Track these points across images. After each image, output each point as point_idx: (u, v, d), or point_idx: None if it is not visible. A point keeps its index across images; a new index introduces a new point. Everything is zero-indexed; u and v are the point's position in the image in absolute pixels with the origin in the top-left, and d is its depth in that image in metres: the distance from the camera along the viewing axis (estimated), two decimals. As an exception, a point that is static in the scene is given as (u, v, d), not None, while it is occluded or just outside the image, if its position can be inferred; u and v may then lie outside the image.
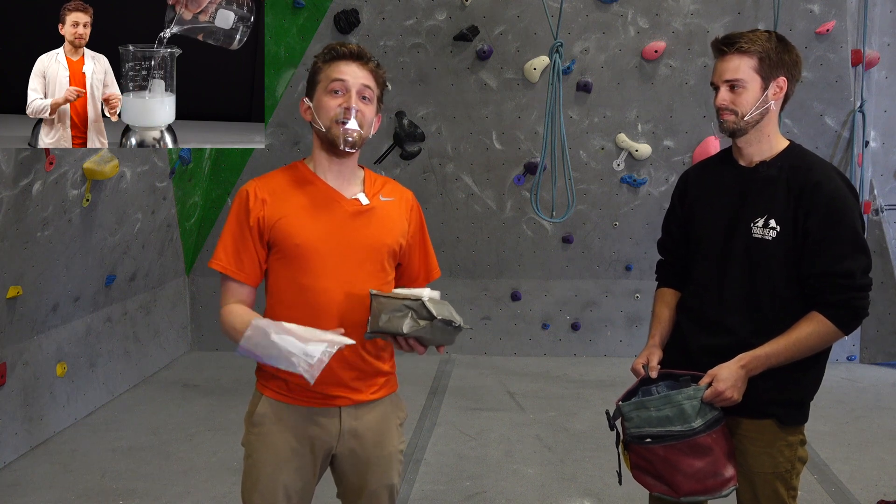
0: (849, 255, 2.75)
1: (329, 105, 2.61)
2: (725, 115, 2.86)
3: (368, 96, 2.64)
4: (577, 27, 6.81)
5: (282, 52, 6.86)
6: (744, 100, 2.83)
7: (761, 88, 2.83)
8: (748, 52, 2.82)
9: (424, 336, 2.51)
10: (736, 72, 2.83)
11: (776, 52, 2.83)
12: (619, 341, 7.47)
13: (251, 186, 2.69)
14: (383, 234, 2.69)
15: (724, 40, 2.87)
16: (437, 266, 2.94)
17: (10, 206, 4.61)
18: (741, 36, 2.85)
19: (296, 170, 2.74)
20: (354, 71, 2.62)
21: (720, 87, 2.86)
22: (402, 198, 2.81)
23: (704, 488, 2.81)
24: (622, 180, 7.17)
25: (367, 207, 2.69)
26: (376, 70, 2.66)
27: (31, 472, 4.92)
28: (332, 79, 2.61)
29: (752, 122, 2.85)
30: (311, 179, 2.70)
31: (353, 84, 2.61)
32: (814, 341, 2.76)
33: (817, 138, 6.91)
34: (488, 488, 4.78)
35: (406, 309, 2.49)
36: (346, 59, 2.63)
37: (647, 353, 3.01)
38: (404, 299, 2.50)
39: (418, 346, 2.54)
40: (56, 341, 5.52)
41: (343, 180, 2.71)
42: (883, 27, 6.88)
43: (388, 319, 2.49)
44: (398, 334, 2.49)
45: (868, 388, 6.61)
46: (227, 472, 4.95)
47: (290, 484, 2.68)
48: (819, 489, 4.73)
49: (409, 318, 2.49)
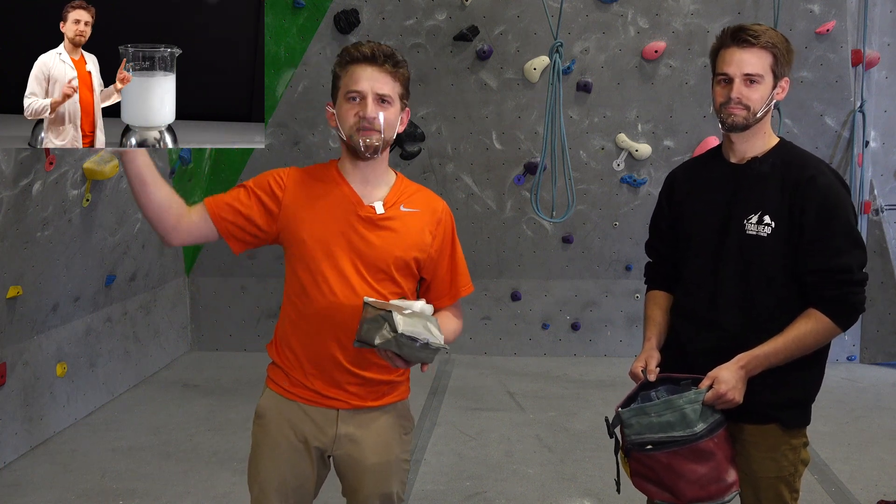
0: (845, 251, 2.72)
1: (348, 114, 2.58)
2: (736, 109, 2.77)
3: (388, 99, 2.58)
4: (577, 27, 6.81)
5: (282, 52, 6.85)
6: (758, 96, 2.77)
7: (771, 86, 2.79)
8: (767, 47, 2.75)
9: (394, 351, 2.39)
10: (757, 66, 2.75)
11: (787, 51, 2.79)
12: (619, 341, 7.47)
13: (283, 170, 2.72)
14: (394, 245, 2.64)
15: (749, 32, 2.77)
16: (466, 283, 2.83)
17: (11, 206, 4.61)
18: (764, 30, 2.78)
19: (327, 168, 2.73)
20: (370, 75, 2.57)
21: (735, 78, 2.77)
22: (429, 209, 2.75)
23: (708, 494, 2.76)
24: (622, 180, 7.17)
25: (381, 217, 2.65)
26: (394, 71, 2.60)
27: (31, 472, 4.92)
28: (348, 87, 2.58)
29: (760, 119, 2.81)
30: (337, 181, 2.68)
31: (368, 91, 2.56)
32: (812, 338, 2.73)
33: (817, 138, 6.90)
34: (488, 488, 4.78)
35: (382, 320, 2.39)
36: (359, 62, 2.58)
37: (644, 357, 2.94)
38: (384, 310, 2.40)
39: (396, 360, 2.43)
40: (56, 341, 5.51)
41: (368, 185, 2.68)
42: (883, 27, 6.88)
43: (367, 330, 2.40)
44: (371, 346, 2.39)
45: (868, 388, 6.61)
46: (227, 472, 4.94)
47: (288, 479, 2.69)
48: (819, 489, 4.73)
49: (383, 330, 2.38)
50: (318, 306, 2.62)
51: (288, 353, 2.69)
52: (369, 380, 2.67)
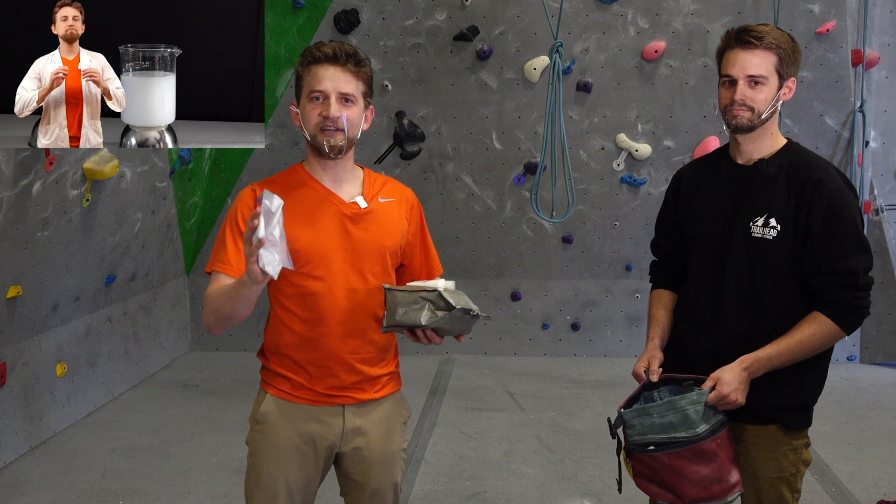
0: (851, 254, 2.72)
1: (311, 114, 2.58)
2: (740, 110, 2.76)
3: (351, 98, 2.58)
4: (577, 27, 6.81)
5: (282, 52, 6.85)
6: (763, 97, 2.75)
7: (777, 87, 2.77)
8: (772, 48, 2.74)
9: (443, 327, 2.50)
10: (760, 67, 2.74)
11: (793, 51, 2.78)
12: (619, 341, 7.47)
13: (253, 189, 2.67)
14: (383, 236, 2.68)
15: (753, 33, 2.76)
16: (438, 263, 2.91)
17: (10, 206, 4.61)
18: (768, 30, 2.76)
19: (294, 173, 2.71)
20: (332, 75, 2.56)
21: (739, 80, 2.76)
22: (401, 197, 2.78)
23: (711, 495, 2.76)
24: (622, 180, 7.17)
25: (365, 210, 2.67)
26: (357, 70, 2.59)
27: (30, 472, 4.92)
28: (311, 87, 2.58)
29: (766, 120, 2.79)
30: (309, 183, 2.68)
31: (331, 90, 2.56)
32: (816, 342, 2.73)
33: (817, 138, 6.91)
34: (488, 488, 4.78)
35: (423, 301, 2.48)
36: (321, 62, 2.57)
37: (647, 357, 2.94)
38: (419, 291, 2.50)
39: (436, 338, 2.52)
40: (56, 341, 5.51)
41: (340, 182, 2.69)
42: (883, 27, 6.88)
43: (404, 313, 2.48)
44: (416, 327, 2.48)
45: (868, 388, 6.61)
46: (227, 472, 4.94)
47: (293, 481, 2.68)
48: (819, 489, 4.73)
49: (426, 310, 2.48)
50: (320, 309, 2.62)
51: (288, 361, 2.68)
52: (371, 376, 2.70)
